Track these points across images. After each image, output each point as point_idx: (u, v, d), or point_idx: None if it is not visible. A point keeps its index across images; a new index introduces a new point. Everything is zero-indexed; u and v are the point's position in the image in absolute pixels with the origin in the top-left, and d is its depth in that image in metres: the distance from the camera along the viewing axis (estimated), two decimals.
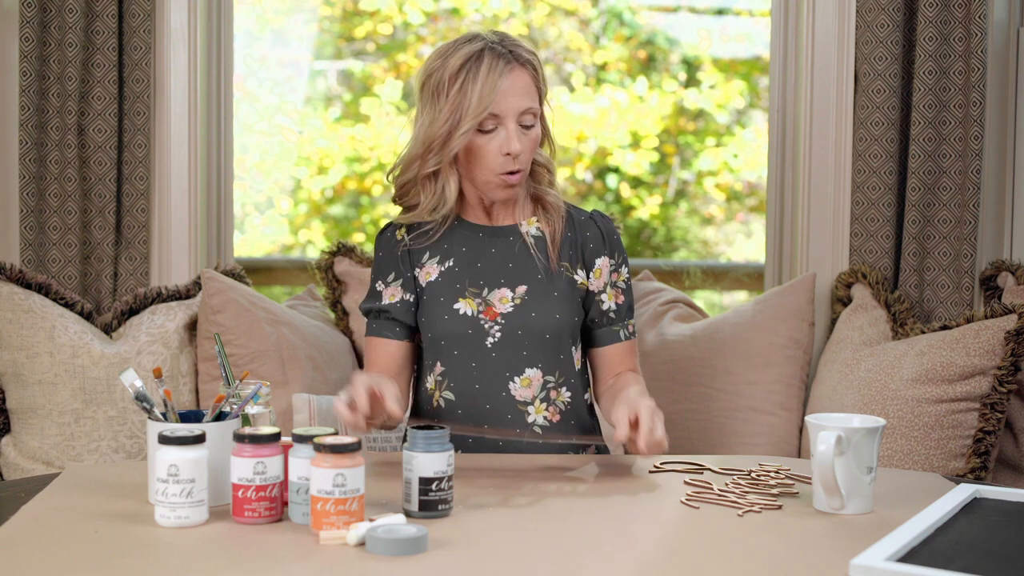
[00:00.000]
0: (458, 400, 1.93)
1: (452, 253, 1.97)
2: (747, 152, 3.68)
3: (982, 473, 2.34)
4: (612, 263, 2.00)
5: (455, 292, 1.94)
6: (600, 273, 1.99)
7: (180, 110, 2.67)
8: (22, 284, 2.49)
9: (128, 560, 1.30)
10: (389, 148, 3.63)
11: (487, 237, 1.97)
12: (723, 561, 1.33)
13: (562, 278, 1.96)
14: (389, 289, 1.98)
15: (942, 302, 2.60)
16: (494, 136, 1.88)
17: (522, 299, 1.93)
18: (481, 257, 1.96)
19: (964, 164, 2.58)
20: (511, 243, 1.97)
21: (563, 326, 1.94)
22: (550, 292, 1.94)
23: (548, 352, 1.93)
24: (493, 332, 1.92)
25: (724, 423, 2.52)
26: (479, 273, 1.95)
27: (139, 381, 1.56)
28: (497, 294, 1.94)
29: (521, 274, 1.95)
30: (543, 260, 1.96)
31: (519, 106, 1.87)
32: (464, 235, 1.98)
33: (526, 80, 1.89)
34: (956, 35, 2.56)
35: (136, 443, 2.44)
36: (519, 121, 1.88)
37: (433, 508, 1.48)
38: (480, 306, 1.93)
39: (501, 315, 1.93)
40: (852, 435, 1.50)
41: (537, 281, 1.95)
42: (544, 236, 1.97)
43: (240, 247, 3.50)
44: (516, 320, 1.92)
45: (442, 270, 1.96)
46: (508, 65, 1.87)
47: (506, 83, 1.87)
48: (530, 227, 1.99)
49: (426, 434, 1.49)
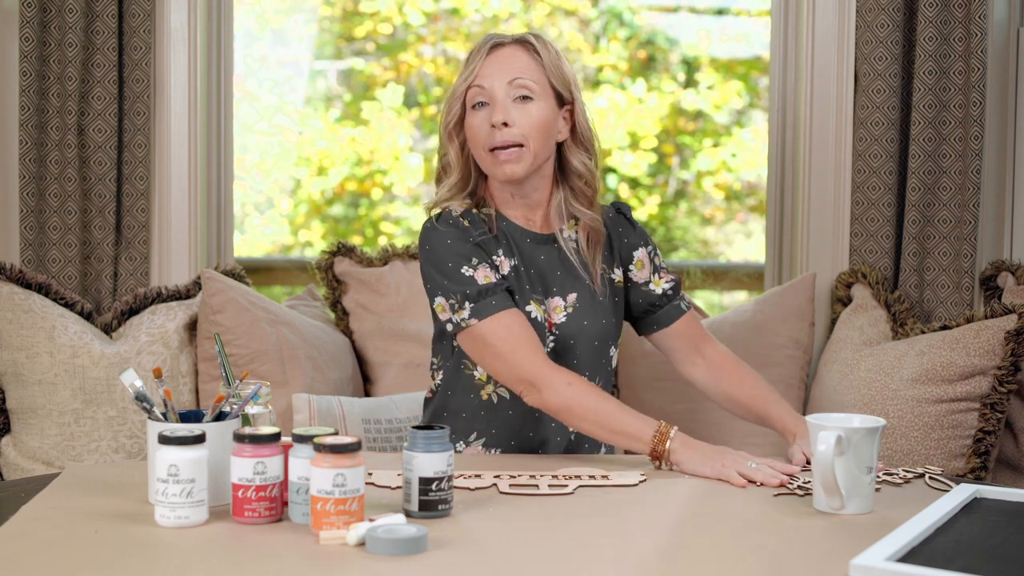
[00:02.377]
0: (512, 400, 1.89)
1: (513, 252, 1.91)
2: (746, 152, 3.68)
3: (982, 473, 2.34)
4: (649, 249, 2.00)
5: (526, 293, 1.89)
6: (642, 264, 1.99)
7: (180, 110, 2.67)
8: (22, 284, 2.49)
9: (128, 560, 1.30)
10: (389, 152, 3.63)
11: (534, 244, 1.93)
12: (723, 561, 1.33)
13: (604, 282, 1.95)
14: (479, 271, 1.83)
15: (942, 302, 2.60)
16: (484, 110, 1.86)
17: (574, 307, 1.92)
18: (533, 263, 1.93)
19: (964, 164, 2.58)
20: (554, 250, 1.94)
21: (609, 330, 1.94)
22: (596, 298, 1.93)
23: (594, 357, 1.93)
24: (548, 342, 1.90)
25: (724, 423, 2.52)
26: (536, 279, 1.92)
27: (139, 381, 1.56)
28: (552, 303, 1.91)
29: (569, 282, 1.92)
30: (584, 268, 1.93)
31: (505, 75, 1.84)
32: (515, 236, 1.93)
33: (520, 55, 1.86)
34: (956, 35, 2.56)
35: (136, 443, 2.44)
36: (511, 93, 1.84)
37: (433, 508, 1.48)
38: (544, 313, 1.90)
39: (556, 325, 1.90)
40: (852, 435, 1.50)
41: (585, 288, 1.93)
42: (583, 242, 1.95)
43: (240, 247, 3.50)
44: (569, 330, 1.90)
45: (512, 264, 1.90)
46: (501, 43, 1.87)
47: (494, 56, 1.86)
48: (570, 231, 1.96)
49: (426, 434, 1.48)
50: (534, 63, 1.87)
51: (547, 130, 1.87)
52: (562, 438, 1.93)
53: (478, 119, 1.86)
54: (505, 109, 1.83)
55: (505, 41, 1.89)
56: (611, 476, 1.69)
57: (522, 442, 1.92)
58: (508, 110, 1.84)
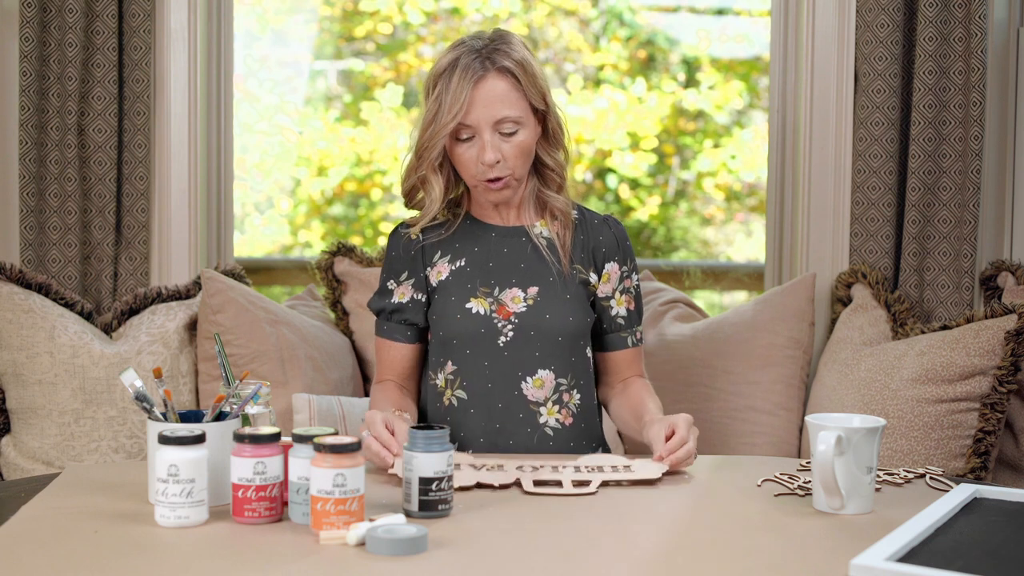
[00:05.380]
0: (470, 399, 1.92)
1: (464, 252, 1.97)
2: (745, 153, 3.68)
3: (982, 473, 2.34)
4: (624, 269, 2.00)
5: (467, 291, 1.93)
6: (608, 278, 1.99)
7: (180, 110, 2.67)
8: (22, 284, 2.49)
9: (128, 560, 1.30)
10: (389, 152, 3.63)
11: (499, 237, 1.97)
12: (723, 561, 1.33)
13: (575, 281, 1.96)
14: (400, 288, 1.98)
15: (942, 302, 2.60)
16: (472, 144, 1.88)
17: (534, 300, 1.93)
18: (492, 256, 1.96)
19: (964, 164, 2.58)
20: (523, 244, 1.97)
21: (576, 328, 1.94)
22: (563, 295, 1.94)
23: (561, 354, 1.93)
24: (506, 331, 1.92)
25: (724, 423, 2.52)
26: (490, 272, 1.95)
27: (139, 381, 1.56)
28: (508, 294, 1.93)
29: (533, 275, 1.95)
30: (556, 263, 1.96)
31: (492, 116, 1.86)
32: (476, 234, 1.98)
33: (501, 87, 1.86)
34: (956, 35, 2.56)
35: (136, 443, 2.44)
36: (497, 129, 1.87)
37: (433, 508, 1.48)
38: (492, 305, 1.93)
39: (514, 314, 1.92)
40: (852, 435, 1.50)
41: (550, 283, 1.94)
42: (554, 239, 1.97)
43: (240, 247, 3.50)
44: (529, 320, 1.92)
45: (453, 269, 1.96)
46: (480, 74, 1.85)
47: (479, 93, 1.85)
48: (542, 228, 1.99)
49: (426, 434, 1.49)
50: (515, 93, 1.87)
51: (530, 151, 1.92)
52: (532, 430, 1.92)
53: (468, 153, 1.88)
54: (494, 147, 1.86)
55: (486, 72, 1.86)
56: (633, 467, 1.69)
57: (490, 440, 1.92)
58: (497, 148, 1.87)
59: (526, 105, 1.89)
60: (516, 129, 1.88)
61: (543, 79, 1.92)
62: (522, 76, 1.88)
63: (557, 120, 1.96)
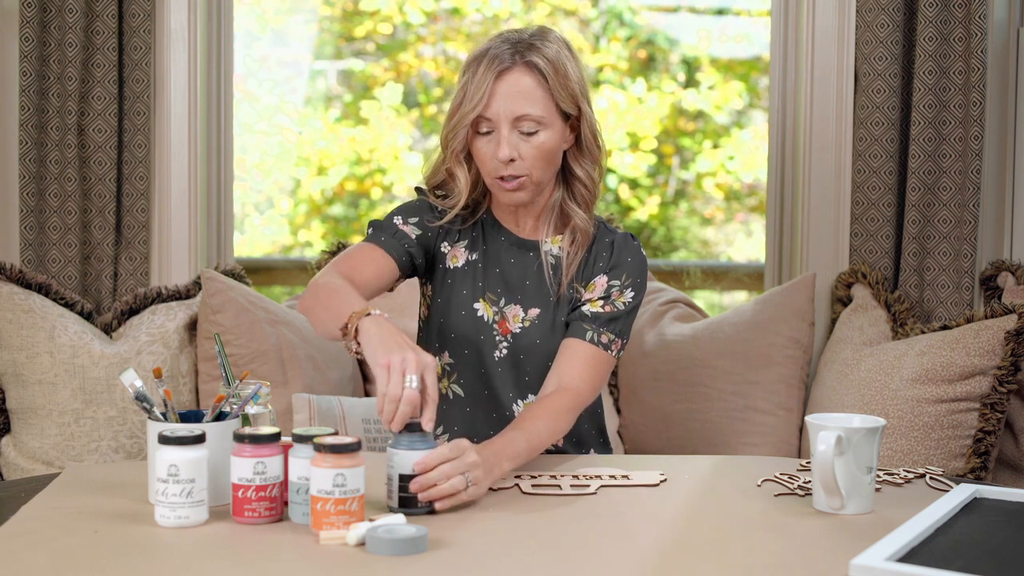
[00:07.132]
0: (467, 398, 1.91)
1: (479, 246, 1.92)
2: (745, 153, 3.68)
3: (982, 473, 2.34)
4: (615, 284, 1.88)
5: (477, 290, 1.90)
6: (593, 288, 1.90)
7: (180, 110, 2.67)
8: (22, 284, 2.49)
9: (128, 560, 1.30)
10: (389, 152, 3.63)
11: (509, 245, 1.92)
12: (723, 561, 1.33)
13: (569, 303, 1.90)
14: (406, 227, 1.89)
15: (942, 302, 2.60)
16: (491, 139, 1.81)
17: (531, 323, 1.89)
18: (501, 263, 1.92)
19: (964, 164, 2.58)
20: (531, 259, 1.92)
21: None
22: (557, 319, 1.89)
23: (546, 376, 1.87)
24: (501, 347, 1.90)
25: (724, 423, 2.52)
26: (498, 279, 1.91)
27: (139, 381, 1.56)
28: (511, 310, 1.90)
29: (535, 297, 1.90)
30: (555, 286, 1.90)
31: (511, 111, 1.78)
32: (491, 233, 1.94)
33: (526, 83, 1.79)
34: (956, 35, 2.56)
35: (136, 443, 2.44)
36: (516, 127, 1.80)
37: (412, 505, 1.48)
38: (496, 316, 1.90)
39: (511, 333, 1.89)
40: (852, 435, 1.50)
41: (548, 306, 1.90)
42: (563, 259, 1.90)
43: (240, 247, 3.50)
44: (521, 344, 1.89)
45: (469, 259, 1.92)
46: (505, 66, 1.78)
47: (500, 85, 1.78)
48: (552, 246, 1.92)
49: (408, 433, 1.49)
50: (541, 91, 1.79)
51: (552, 156, 1.84)
52: None
53: (486, 148, 1.82)
54: (511, 144, 1.79)
55: (512, 65, 1.79)
56: (632, 476, 1.69)
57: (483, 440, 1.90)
58: (514, 146, 1.80)
59: (552, 106, 1.80)
60: (537, 129, 1.80)
61: (579, 84, 1.83)
62: (551, 75, 1.79)
63: (592, 130, 1.87)
